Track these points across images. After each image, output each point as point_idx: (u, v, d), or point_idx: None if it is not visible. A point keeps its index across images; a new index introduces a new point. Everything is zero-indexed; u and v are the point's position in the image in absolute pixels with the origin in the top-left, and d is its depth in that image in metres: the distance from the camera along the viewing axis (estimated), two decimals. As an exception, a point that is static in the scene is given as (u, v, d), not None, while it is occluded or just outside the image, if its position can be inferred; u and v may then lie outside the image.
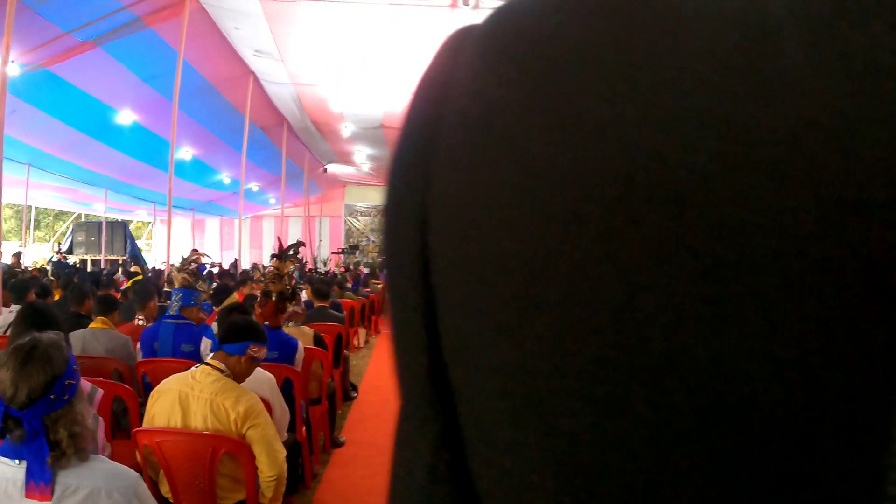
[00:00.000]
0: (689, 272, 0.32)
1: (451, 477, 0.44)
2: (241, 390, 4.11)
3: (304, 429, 6.17)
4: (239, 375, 4.30)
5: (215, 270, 21.15)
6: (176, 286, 7.29)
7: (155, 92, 16.55)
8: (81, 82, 15.02)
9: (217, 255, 34.73)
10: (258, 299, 6.89)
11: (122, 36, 13.65)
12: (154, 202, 30.34)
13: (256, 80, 18.60)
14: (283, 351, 6.13)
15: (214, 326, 6.59)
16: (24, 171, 20.17)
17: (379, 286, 23.25)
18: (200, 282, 8.64)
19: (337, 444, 8.01)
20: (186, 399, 4.01)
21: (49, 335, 2.70)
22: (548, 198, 0.35)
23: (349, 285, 18.53)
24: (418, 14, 14.02)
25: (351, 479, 6.95)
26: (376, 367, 13.44)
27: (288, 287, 6.71)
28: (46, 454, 2.50)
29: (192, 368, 4.25)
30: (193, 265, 8.43)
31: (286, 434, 5.05)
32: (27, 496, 2.48)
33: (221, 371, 4.14)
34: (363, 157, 30.19)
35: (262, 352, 4.45)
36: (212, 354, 4.42)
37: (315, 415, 6.97)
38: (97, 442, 3.94)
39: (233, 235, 31.52)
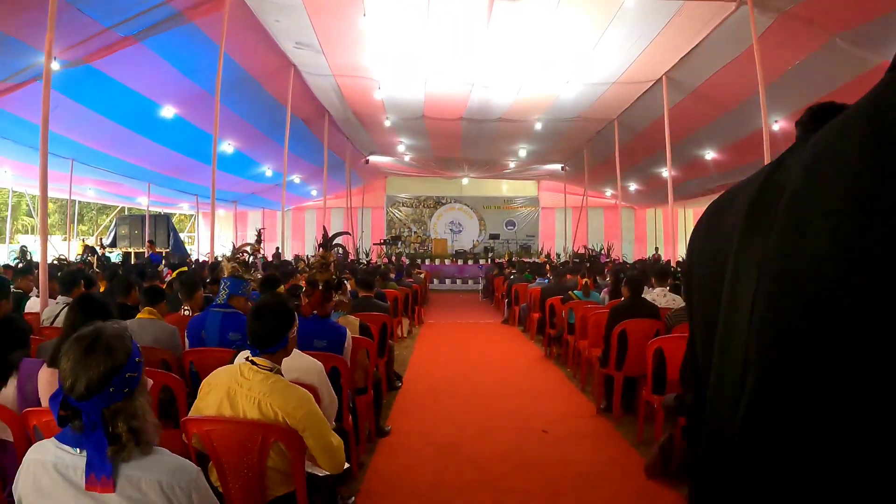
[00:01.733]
0: None
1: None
2: (291, 390, 4.05)
3: (350, 418, 6.16)
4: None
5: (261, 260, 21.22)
6: (225, 275, 7.31)
7: (197, 86, 16.66)
8: (124, 77, 15.15)
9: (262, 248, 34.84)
10: (304, 289, 6.88)
11: (164, 31, 13.74)
12: (196, 195, 30.57)
13: (297, 72, 18.65)
14: (333, 339, 6.12)
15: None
16: (67, 165, 20.36)
17: (422, 276, 23.20)
18: (249, 271, 8.69)
19: (382, 434, 8.01)
20: (234, 396, 3.96)
21: (113, 325, 2.66)
22: None
23: (392, 276, 18.49)
24: (458, 4, 13.96)
25: (396, 469, 6.92)
26: (420, 358, 13.42)
27: (334, 276, 6.70)
28: (105, 447, 2.49)
29: (239, 362, 4.20)
30: (244, 255, 8.47)
31: (333, 423, 5.03)
32: (87, 489, 2.47)
33: (270, 369, 4.10)
34: (405, 148, 30.13)
35: (295, 328, 4.40)
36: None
37: (361, 404, 6.96)
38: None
39: (275, 227, 31.61)
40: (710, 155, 23.82)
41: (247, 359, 4.12)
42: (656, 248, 35.45)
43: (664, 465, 6.54)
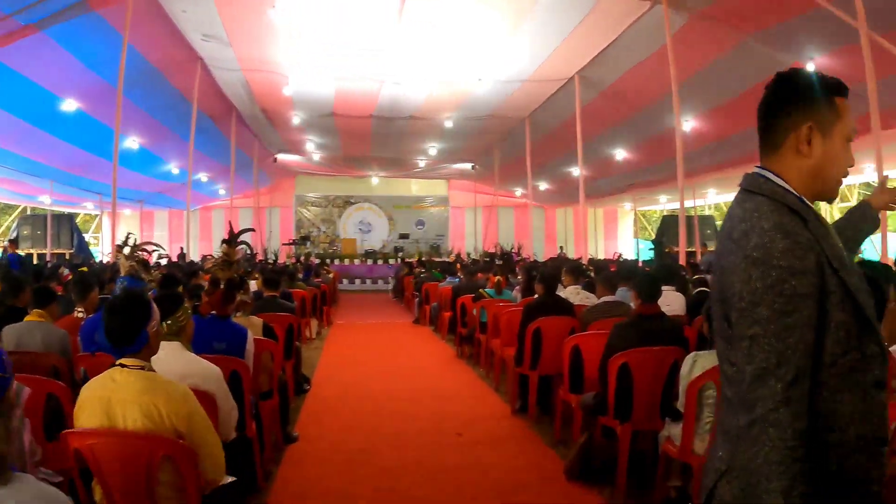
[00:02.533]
0: None
1: None
2: (172, 386, 3.70)
3: (253, 424, 5.78)
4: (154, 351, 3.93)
5: (164, 262, 20.66)
6: (122, 274, 6.89)
7: (99, 78, 15.98)
8: (24, 68, 14.41)
9: (166, 248, 34.14)
10: (205, 288, 6.50)
11: (66, 19, 13.08)
12: (101, 194, 29.60)
13: (204, 65, 18.08)
14: (233, 341, 5.74)
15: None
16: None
17: (330, 276, 22.90)
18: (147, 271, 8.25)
19: (290, 440, 7.63)
20: (110, 405, 3.58)
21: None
22: None
23: (300, 275, 18.11)
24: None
25: (307, 478, 6.58)
26: (329, 359, 13.11)
27: (237, 275, 6.34)
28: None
29: (111, 368, 3.80)
30: (141, 253, 8.05)
31: (234, 433, 4.67)
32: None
33: (142, 368, 3.71)
34: (314, 147, 29.73)
35: (157, 317, 3.98)
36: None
37: (266, 409, 6.59)
38: (24, 452, 3.55)
39: (182, 227, 30.95)
40: (621, 154, 23.92)
41: (115, 363, 3.74)
42: (561, 247, 35.60)
43: (585, 466, 6.36)
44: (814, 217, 2.23)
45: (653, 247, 28.08)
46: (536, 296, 9.02)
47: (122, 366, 3.70)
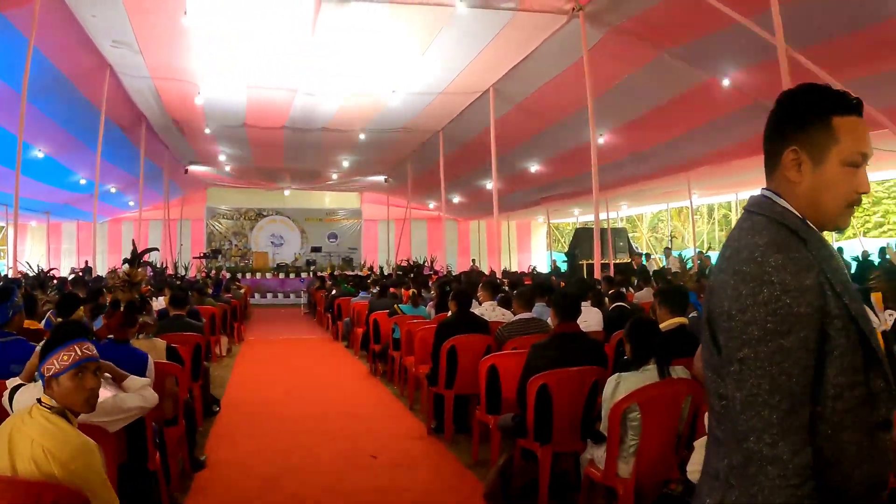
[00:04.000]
0: None
1: None
2: (71, 436, 3.36)
3: (157, 455, 5.47)
4: (71, 401, 3.58)
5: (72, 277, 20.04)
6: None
7: (3, 84, 15.38)
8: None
9: (73, 261, 33.34)
10: (106, 309, 6.17)
11: (-33, 20, 12.58)
12: (6, 205, 28.72)
13: (114, 73, 17.53)
14: (132, 367, 5.41)
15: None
16: None
17: (241, 291, 22.51)
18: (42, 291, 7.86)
19: (199, 467, 7.29)
20: (14, 440, 3.28)
21: None
22: None
23: (210, 291, 17.70)
24: (283, 5, 13.42)
25: (216, 507, 6.29)
26: (240, 378, 12.78)
27: (138, 296, 6.03)
28: None
29: (35, 402, 3.49)
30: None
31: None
32: None
33: (51, 408, 3.40)
34: (225, 158, 29.26)
35: (70, 356, 3.67)
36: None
37: (171, 437, 6.27)
38: None
39: (90, 240, 30.19)
40: (535, 167, 23.96)
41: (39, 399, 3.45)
42: (473, 260, 35.64)
43: (504, 489, 6.19)
44: (816, 239, 2.10)
45: (566, 259, 28.19)
46: (450, 312, 8.87)
47: (39, 401, 3.44)
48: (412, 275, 19.03)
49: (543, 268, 34.73)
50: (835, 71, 9.28)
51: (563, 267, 28.66)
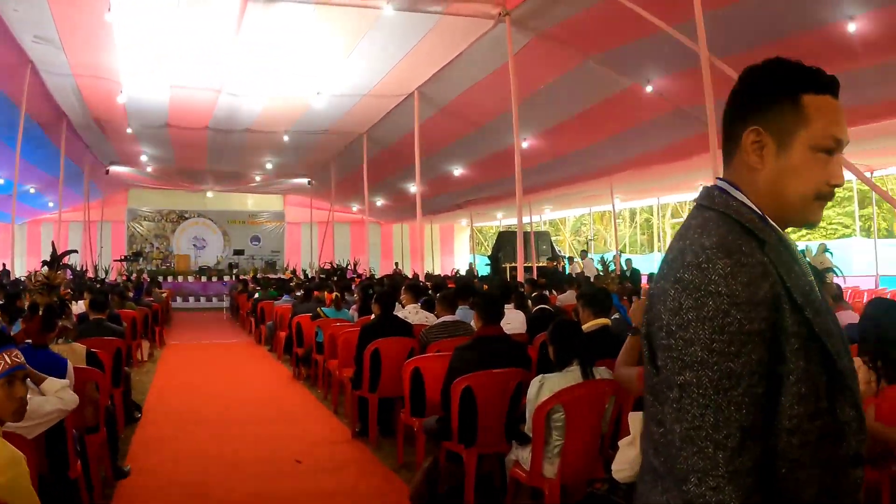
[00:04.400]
0: None
1: None
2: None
3: (78, 463, 5.38)
4: (1, 411, 3.49)
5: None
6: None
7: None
8: None
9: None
10: (24, 313, 6.05)
11: None
12: (-79, 204, 27.95)
13: (35, 69, 17.11)
14: (50, 373, 5.30)
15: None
16: None
17: (163, 294, 22.23)
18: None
19: (121, 475, 7.14)
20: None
21: None
22: None
23: (131, 294, 17.43)
24: (207, 4, 13.28)
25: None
26: (162, 383, 12.59)
27: (56, 300, 5.92)
28: None
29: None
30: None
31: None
32: None
33: None
34: (147, 158, 28.83)
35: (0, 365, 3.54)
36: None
37: (93, 445, 6.16)
38: None
39: (8, 241, 29.50)
40: (459, 171, 24.05)
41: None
42: (396, 263, 35.64)
43: (430, 492, 6.20)
44: (775, 240, 1.80)
45: (489, 262, 28.37)
46: (374, 315, 8.87)
47: None
48: (335, 278, 18.91)
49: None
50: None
51: (486, 270, 28.82)
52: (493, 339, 6.07)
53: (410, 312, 9.87)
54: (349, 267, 28.63)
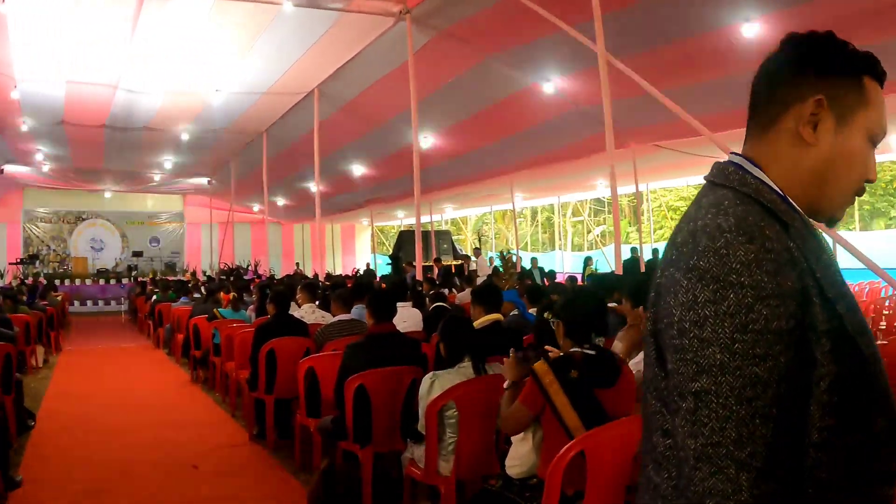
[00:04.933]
0: None
1: None
2: None
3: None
4: None
5: None
6: None
7: None
8: None
9: None
10: None
11: None
12: None
13: (-80, 61, 16.51)
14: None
15: None
16: None
17: (58, 298, 21.71)
18: None
19: (13, 486, 6.87)
20: None
21: None
22: None
23: (24, 298, 16.95)
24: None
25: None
26: (57, 390, 12.27)
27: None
28: None
29: None
30: None
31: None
32: None
33: None
34: (43, 157, 28.05)
35: None
36: None
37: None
38: None
39: None
40: (360, 170, 23.96)
41: None
42: (297, 264, 35.37)
43: (328, 493, 6.13)
44: (800, 223, 1.56)
45: (390, 262, 28.36)
46: (269, 315, 8.79)
47: None
48: (231, 278, 18.69)
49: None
50: (655, 80, 9.59)
51: (387, 270, 28.81)
52: (385, 337, 6.02)
53: (307, 312, 9.75)
54: (250, 268, 28.32)
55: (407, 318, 8.58)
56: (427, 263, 20.44)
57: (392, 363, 5.82)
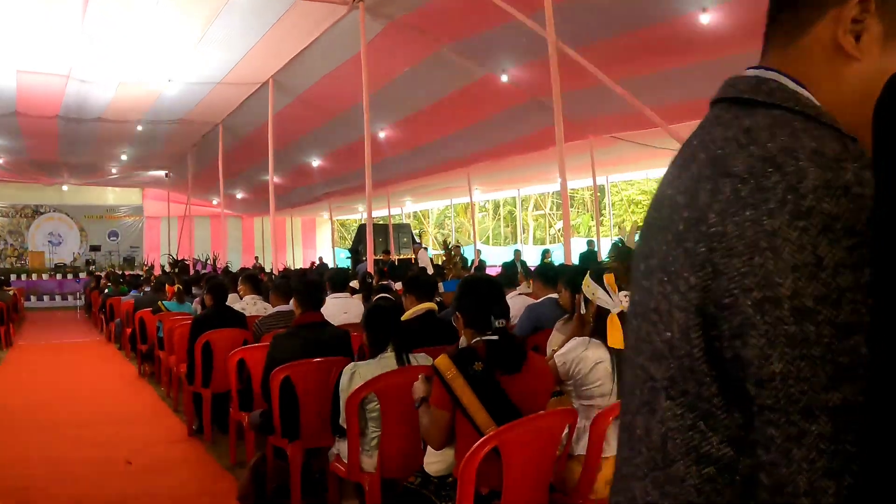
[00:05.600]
0: None
1: None
2: None
3: None
4: None
5: None
6: None
7: None
8: None
9: None
10: None
11: None
12: None
13: None
14: None
15: None
16: None
17: (10, 293, 21.41)
18: None
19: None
20: None
21: None
22: None
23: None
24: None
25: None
26: (4, 385, 12.25)
27: None
28: None
29: None
30: None
31: None
32: None
33: None
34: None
35: None
36: None
37: None
38: None
39: None
40: (317, 162, 23.74)
41: None
42: (256, 257, 35.06)
43: (259, 490, 5.89)
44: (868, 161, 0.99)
45: (350, 255, 28.21)
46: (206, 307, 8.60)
47: None
48: (177, 270, 18.45)
49: (330, 265, 34.71)
50: (610, 70, 9.42)
51: (346, 263, 28.65)
52: (313, 327, 5.80)
53: (248, 303, 9.58)
54: (209, 262, 28.03)
55: (348, 309, 8.38)
56: (378, 257, 20.30)
57: (320, 354, 5.58)
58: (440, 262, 19.21)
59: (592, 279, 4.33)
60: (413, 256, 26.24)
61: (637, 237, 1.31)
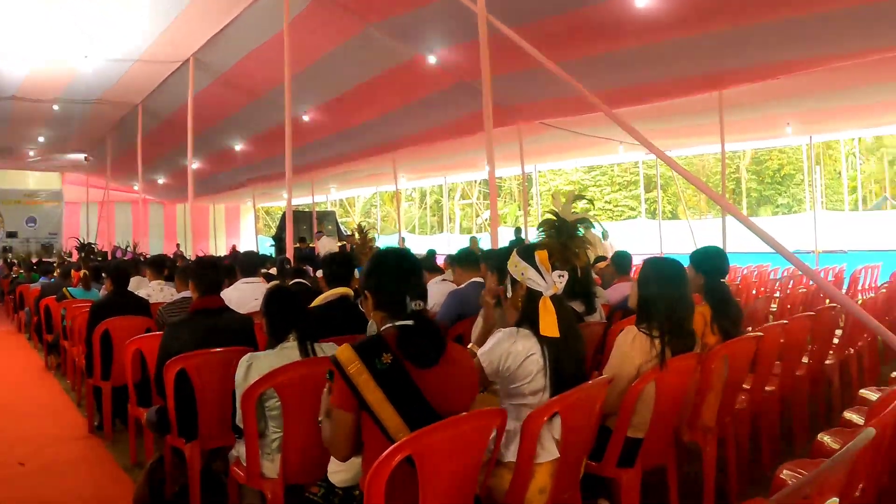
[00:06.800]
0: None
1: None
2: None
3: None
4: None
5: None
6: None
7: None
8: None
9: None
10: None
11: None
12: None
13: None
14: None
15: None
16: None
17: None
18: None
19: None
20: None
21: None
22: None
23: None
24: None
25: None
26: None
27: None
28: None
29: None
30: None
31: None
32: None
33: None
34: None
35: None
36: None
37: None
38: None
39: None
40: (239, 146, 23.17)
41: None
42: (178, 245, 34.33)
43: (155, 494, 5.30)
44: None
45: (274, 243, 27.80)
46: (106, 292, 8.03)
47: None
48: (83, 254, 17.81)
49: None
50: (547, 52, 8.96)
51: (270, 251, 28.25)
52: (211, 313, 5.29)
53: (154, 289, 9.07)
54: (129, 248, 27.27)
55: (260, 295, 7.91)
56: (297, 245, 19.91)
57: (221, 344, 5.04)
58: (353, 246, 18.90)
59: (521, 257, 3.85)
60: (314, 244, 25.90)
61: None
